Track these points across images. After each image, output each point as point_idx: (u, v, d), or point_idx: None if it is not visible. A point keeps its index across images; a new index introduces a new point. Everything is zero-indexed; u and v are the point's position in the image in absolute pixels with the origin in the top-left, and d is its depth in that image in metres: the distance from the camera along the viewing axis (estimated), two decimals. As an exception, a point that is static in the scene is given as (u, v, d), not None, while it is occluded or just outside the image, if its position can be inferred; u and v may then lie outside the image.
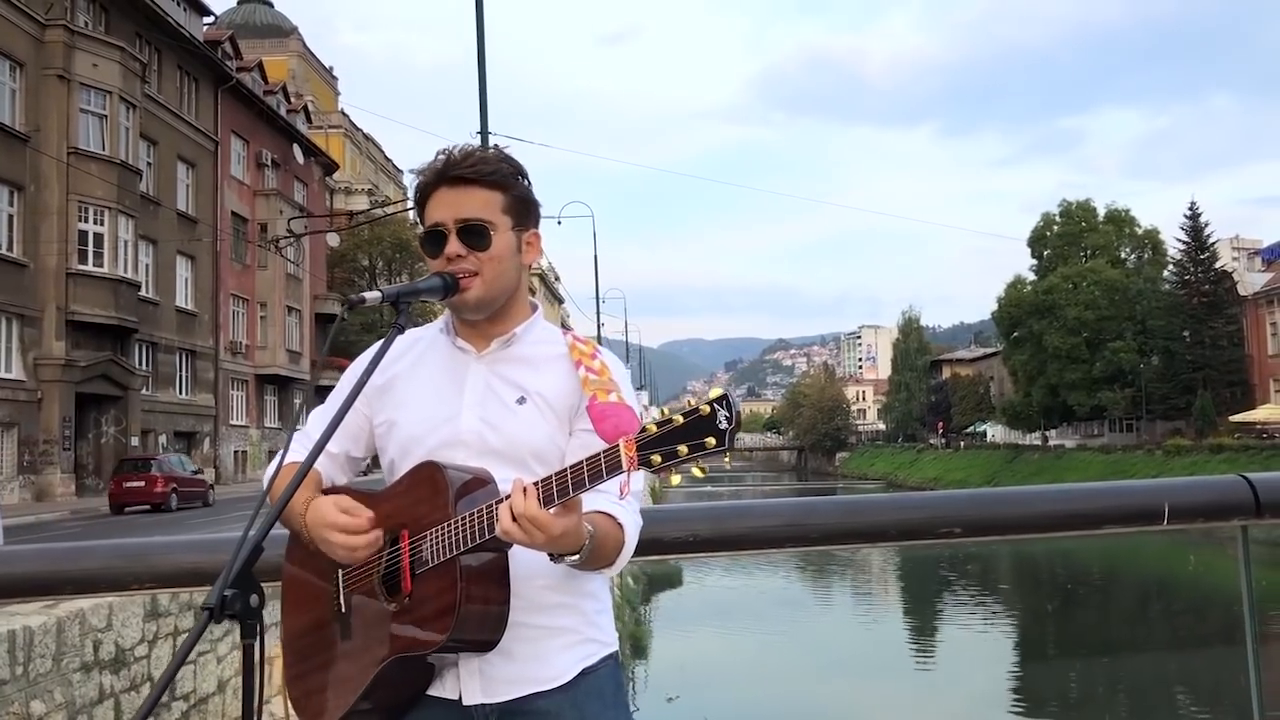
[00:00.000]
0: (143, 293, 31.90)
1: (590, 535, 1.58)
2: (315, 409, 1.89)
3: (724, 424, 1.42)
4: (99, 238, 29.20)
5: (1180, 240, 59.01)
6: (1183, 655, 17.54)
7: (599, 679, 1.77)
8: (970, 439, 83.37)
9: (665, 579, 26.32)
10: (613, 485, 1.55)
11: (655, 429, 1.44)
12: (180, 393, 35.88)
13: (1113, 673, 16.91)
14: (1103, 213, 64.31)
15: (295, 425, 1.86)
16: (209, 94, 38.28)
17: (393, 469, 1.80)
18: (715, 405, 1.43)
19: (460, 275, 1.75)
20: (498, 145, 1.91)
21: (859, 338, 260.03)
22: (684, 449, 1.42)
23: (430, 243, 1.78)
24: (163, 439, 33.95)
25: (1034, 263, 65.70)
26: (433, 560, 1.61)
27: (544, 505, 1.50)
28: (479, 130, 15.04)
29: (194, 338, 36.63)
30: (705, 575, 27.28)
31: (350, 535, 1.64)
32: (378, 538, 1.65)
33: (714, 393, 1.46)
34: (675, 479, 1.49)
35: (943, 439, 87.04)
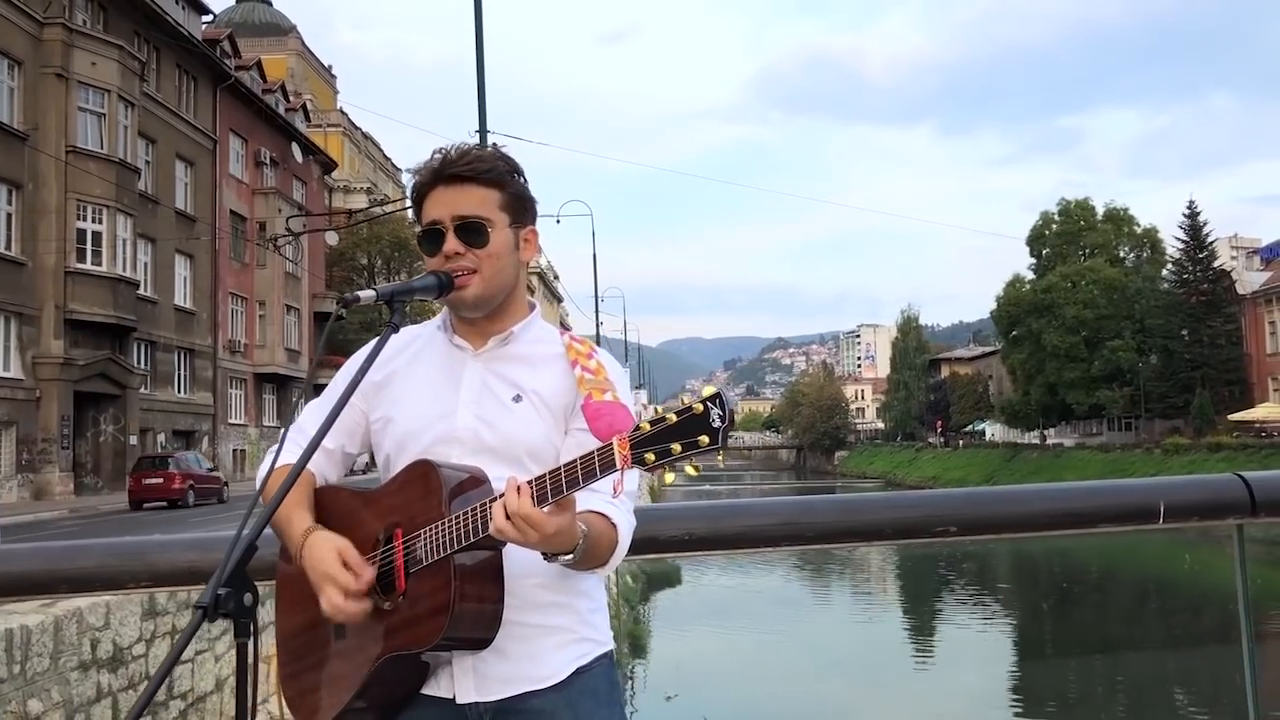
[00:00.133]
0: (141, 291, 31.87)
1: (584, 535, 1.58)
2: (310, 403, 1.89)
3: (717, 422, 1.42)
4: (97, 236, 29.18)
5: (1179, 239, 59.05)
6: (1180, 654, 17.54)
7: (593, 678, 1.77)
8: (969, 438, 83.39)
9: (664, 578, 26.31)
10: (606, 484, 1.55)
11: (649, 427, 1.44)
12: (179, 391, 35.86)
13: (1110, 671, 16.91)
14: (1102, 212, 64.32)
15: (287, 422, 1.86)
16: (207, 92, 38.25)
17: (388, 465, 1.80)
18: (709, 404, 1.43)
19: (458, 273, 1.75)
20: (495, 144, 1.90)
21: (858, 336, 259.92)
22: (677, 447, 1.42)
23: (428, 241, 1.78)
24: (161, 437, 33.93)
25: (1033, 262, 65.72)
26: (427, 559, 1.60)
27: (538, 503, 1.50)
28: (478, 129, 15.03)
29: (192, 336, 36.60)
30: (704, 574, 27.28)
31: (343, 596, 1.60)
32: (366, 608, 1.62)
33: (707, 391, 1.46)
34: (670, 477, 1.49)
35: (941, 438, 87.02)
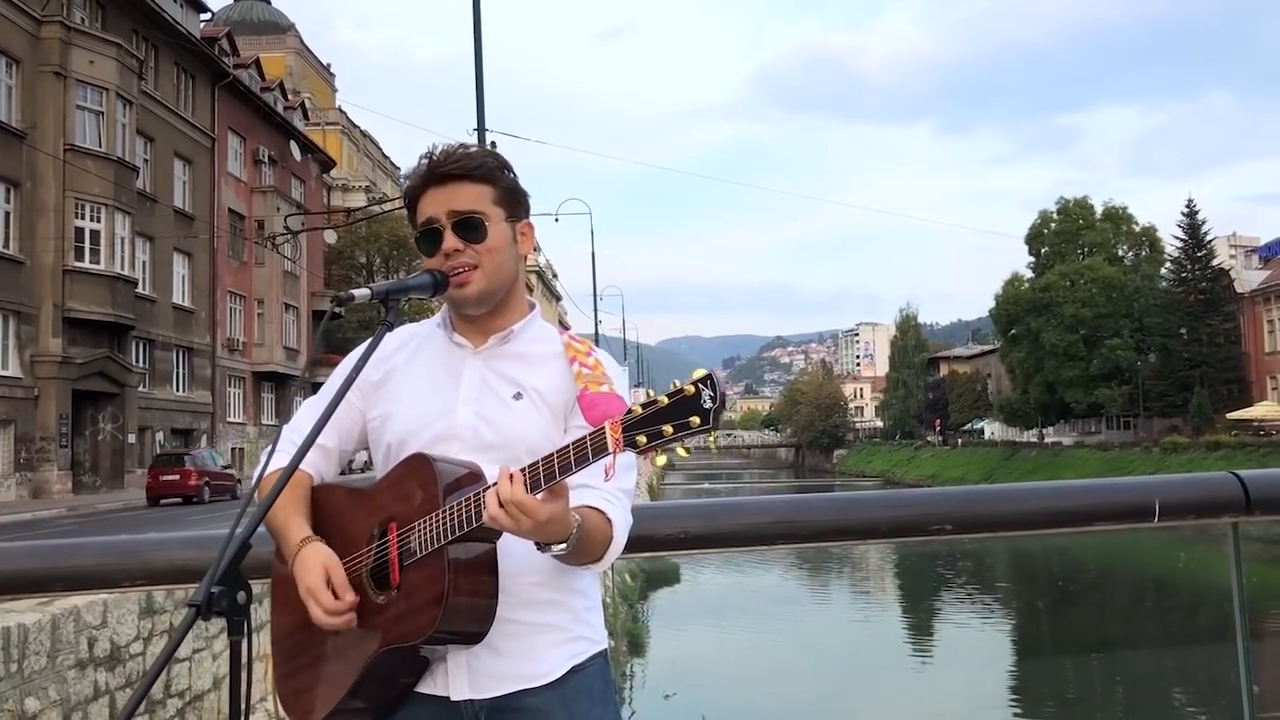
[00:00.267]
0: (140, 290, 31.85)
1: (578, 525, 1.58)
2: (306, 401, 1.89)
3: (708, 403, 1.42)
4: (95, 235, 29.16)
5: (1178, 238, 59.11)
6: (1178, 652, 17.53)
7: (588, 677, 1.77)
8: (967, 436, 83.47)
9: (662, 576, 26.32)
10: (600, 476, 1.55)
11: (640, 410, 1.44)
12: (177, 390, 35.84)
13: (1108, 670, 16.90)
14: (1100, 210, 64.40)
15: (282, 422, 1.86)
16: (206, 91, 38.22)
17: (386, 463, 1.80)
18: (700, 385, 1.43)
19: (459, 270, 1.76)
20: (492, 142, 1.91)
21: (857, 335, 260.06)
22: (669, 429, 1.42)
23: (426, 241, 1.78)
24: (159, 436, 33.92)
25: (1032, 260, 65.81)
26: (421, 551, 1.60)
27: (530, 490, 1.50)
28: (476, 127, 15.02)
29: (191, 335, 36.59)
30: (702, 573, 27.28)
31: (325, 614, 1.64)
32: (350, 621, 1.65)
33: (697, 373, 1.45)
34: (662, 459, 1.49)
35: (940, 436, 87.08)
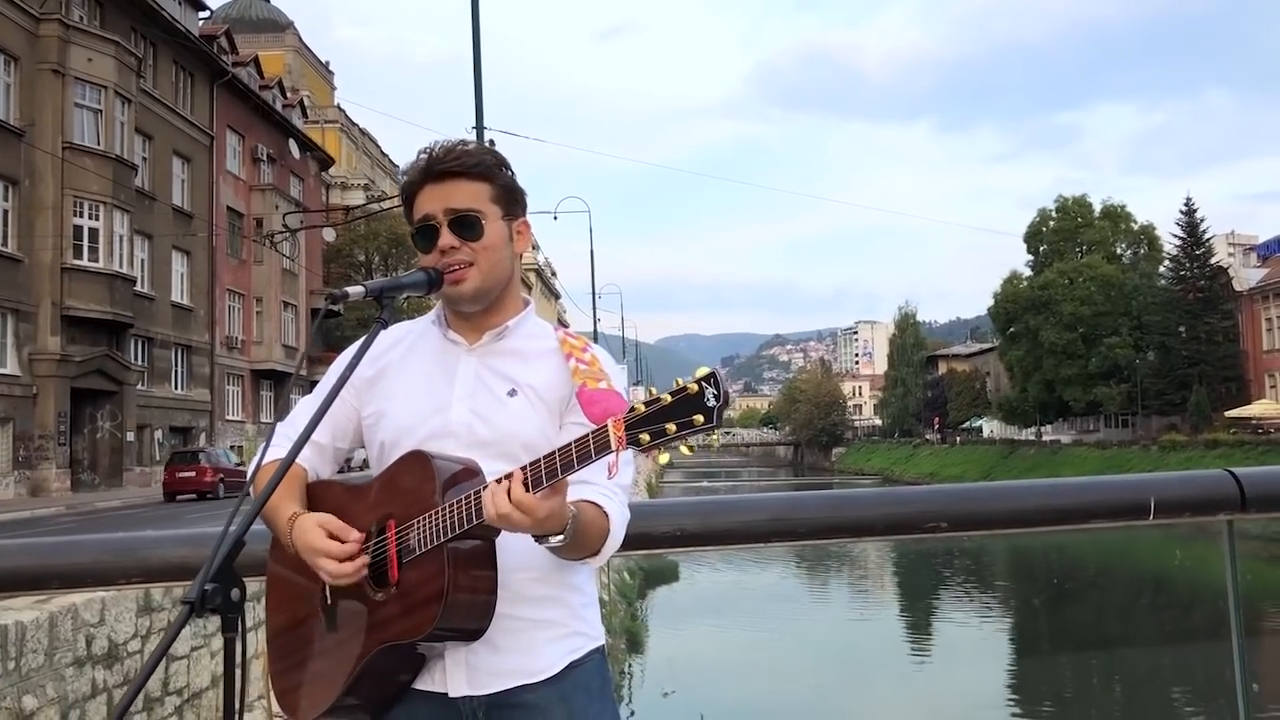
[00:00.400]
0: (138, 288, 31.83)
1: (573, 516, 1.58)
2: (302, 399, 1.89)
3: (712, 401, 1.41)
4: (94, 233, 29.14)
5: (1176, 236, 59.14)
6: (1175, 650, 17.55)
7: (585, 673, 1.78)
8: (966, 434, 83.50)
9: (661, 574, 26.32)
10: (602, 474, 1.55)
11: (643, 408, 1.43)
12: (176, 388, 35.82)
13: (1107, 667, 16.92)
14: (1099, 208, 64.40)
15: (276, 419, 1.86)
16: (204, 89, 38.18)
17: (381, 460, 1.79)
18: (703, 383, 1.43)
19: (454, 267, 1.75)
20: (491, 141, 1.90)
21: (855, 333, 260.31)
22: (672, 427, 1.41)
23: (423, 238, 1.78)
24: (158, 434, 33.92)
25: (1030, 258, 65.80)
26: (420, 548, 1.60)
27: (533, 488, 1.50)
28: (475, 126, 15.01)
29: (190, 333, 36.56)
30: (701, 571, 27.28)
31: (337, 562, 1.63)
32: (364, 563, 1.65)
33: (701, 371, 1.45)
34: (664, 457, 1.48)
35: (938, 434, 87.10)
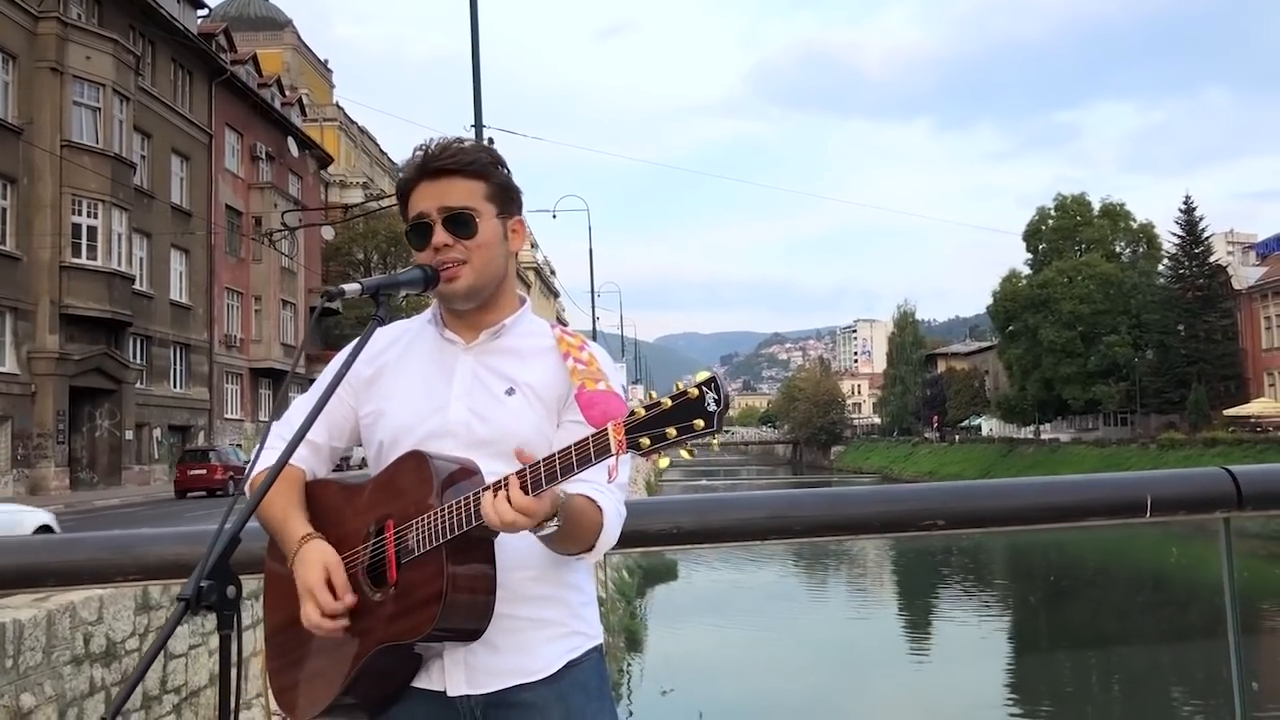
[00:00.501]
0: (137, 286, 31.79)
1: (562, 503, 1.57)
2: (298, 398, 1.89)
3: (712, 406, 1.42)
4: (92, 231, 29.11)
5: (1175, 234, 59.15)
6: (1173, 648, 17.55)
7: (584, 672, 1.77)
8: (965, 433, 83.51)
9: (660, 572, 26.32)
10: (601, 474, 1.55)
11: (643, 412, 1.44)
12: (174, 386, 35.80)
13: (1105, 666, 16.93)
14: (1098, 207, 64.39)
15: (271, 418, 1.85)
16: (203, 87, 38.14)
17: (380, 459, 1.79)
18: (703, 388, 1.43)
19: (447, 265, 1.75)
20: (489, 139, 1.90)
21: (854, 332, 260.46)
22: (672, 431, 1.41)
23: (416, 235, 1.78)
24: (157, 432, 33.90)
25: (1029, 257, 65.80)
26: (418, 549, 1.60)
27: (532, 490, 1.50)
28: (473, 124, 14.99)
29: (188, 331, 36.54)
30: (700, 569, 27.28)
31: (320, 614, 1.63)
32: (343, 625, 1.65)
33: (701, 375, 1.45)
34: (664, 461, 1.49)
35: (937, 433, 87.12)
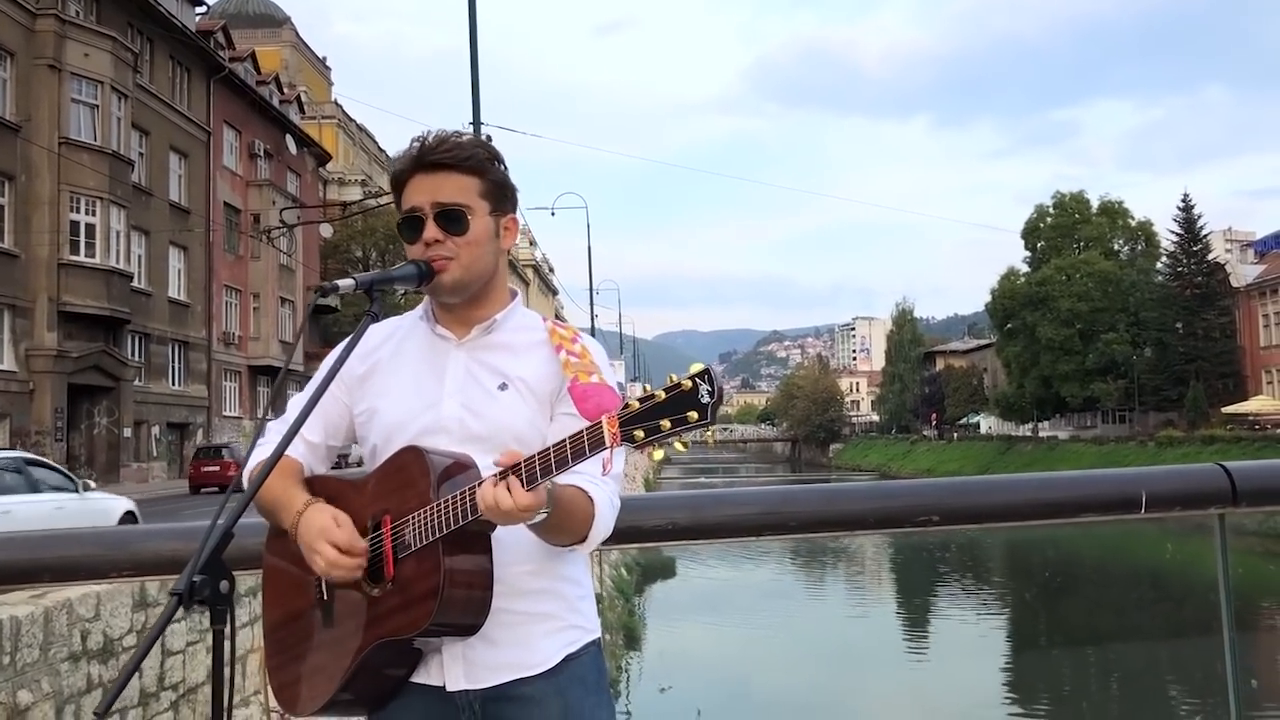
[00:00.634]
0: (135, 283, 31.75)
1: (549, 490, 1.56)
2: (295, 396, 1.90)
3: (706, 398, 1.42)
4: (90, 228, 29.07)
5: (1173, 232, 59.23)
6: (1170, 644, 17.58)
7: (581, 665, 1.78)
8: (963, 430, 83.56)
9: (658, 570, 26.36)
10: (595, 466, 1.55)
11: (637, 404, 1.44)
12: (173, 384, 35.77)
13: (1103, 662, 16.96)
14: (1096, 205, 64.41)
15: (266, 415, 1.86)
16: (201, 84, 38.09)
17: (374, 457, 1.79)
18: (697, 380, 1.44)
19: (436, 259, 1.75)
20: (487, 136, 1.90)
21: (853, 329, 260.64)
22: (666, 423, 1.42)
23: (408, 228, 1.78)
24: (155, 430, 33.86)
25: (1028, 254, 65.82)
26: (415, 544, 1.61)
27: (527, 484, 1.50)
28: (471, 121, 14.98)
29: (186, 329, 36.51)
30: (697, 567, 27.33)
31: (337, 552, 1.63)
32: (362, 564, 1.65)
33: (695, 367, 1.46)
34: (659, 454, 1.49)
35: (936, 430, 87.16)
